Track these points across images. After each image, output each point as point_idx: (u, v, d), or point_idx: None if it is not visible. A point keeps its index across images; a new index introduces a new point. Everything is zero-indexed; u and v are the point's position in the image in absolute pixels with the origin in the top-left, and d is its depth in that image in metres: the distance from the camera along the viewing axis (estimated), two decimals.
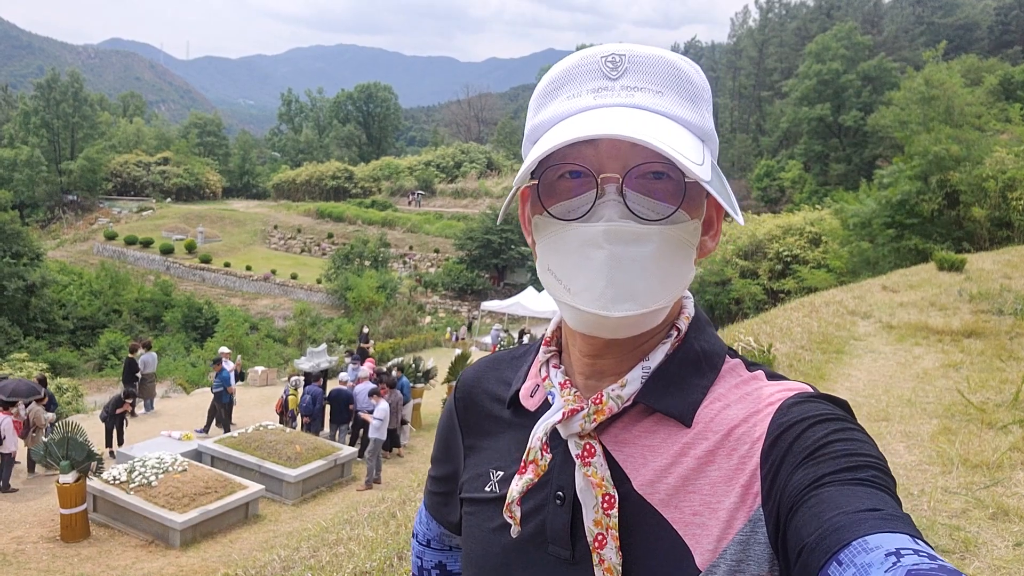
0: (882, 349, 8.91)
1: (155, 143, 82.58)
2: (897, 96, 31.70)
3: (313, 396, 14.30)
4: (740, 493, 0.80)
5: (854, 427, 0.78)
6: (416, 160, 74.77)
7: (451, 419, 1.10)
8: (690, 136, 0.82)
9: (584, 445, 0.86)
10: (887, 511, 0.67)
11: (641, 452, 0.86)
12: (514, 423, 1.00)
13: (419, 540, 1.23)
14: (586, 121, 0.79)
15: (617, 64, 0.84)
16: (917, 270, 16.13)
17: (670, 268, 0.82)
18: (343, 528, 5.80)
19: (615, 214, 0.80)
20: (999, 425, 5.28)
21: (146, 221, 59.97)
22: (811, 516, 0.69)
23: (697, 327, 0.93)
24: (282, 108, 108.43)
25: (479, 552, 0.98)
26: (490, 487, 0.98)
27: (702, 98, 0.86)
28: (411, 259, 51.34)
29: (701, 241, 0.90)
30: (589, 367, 0.92)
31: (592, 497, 0.84)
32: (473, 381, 1.09)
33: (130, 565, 9.01)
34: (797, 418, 0.79)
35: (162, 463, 10.47)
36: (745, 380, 0.89)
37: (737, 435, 0.83)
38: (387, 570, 3.83)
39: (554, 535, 0.88)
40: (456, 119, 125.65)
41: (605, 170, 0.81)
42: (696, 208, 0.85)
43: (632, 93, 0.82)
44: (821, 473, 0.72)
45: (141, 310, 41.65)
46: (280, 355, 31.47)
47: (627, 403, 0.87)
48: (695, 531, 0.81)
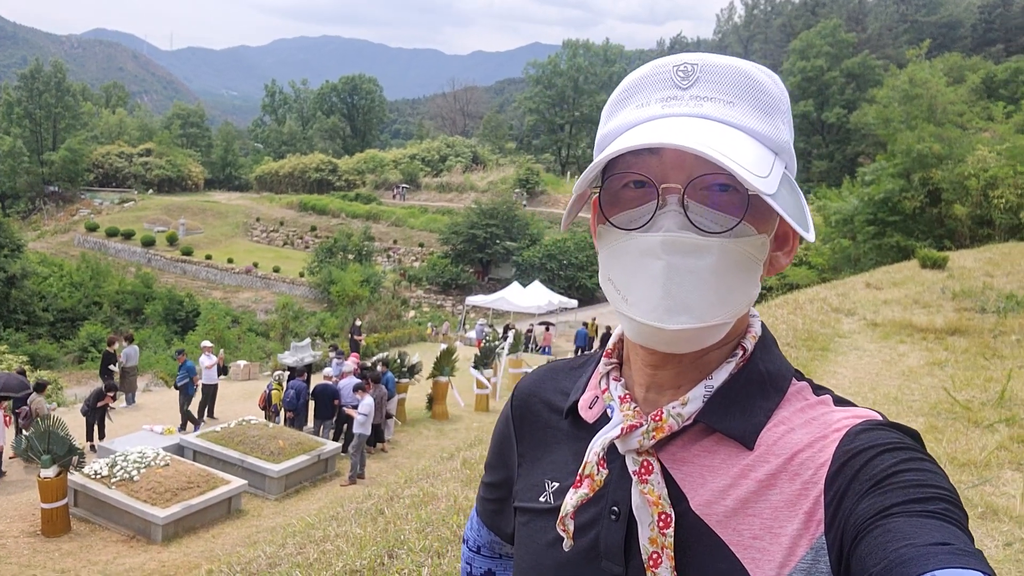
0: (867, 347, 8.97)
1: (137, 134, 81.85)
2: (880, 94, 31.93)
3: (297, 391, 14.22)
4: (803, 520, 0.78)
5: (924, 457, 0.76)
6: (401, 153, 74.49)
7: (507, 427, 1.09)
8: (759, 148, 0.80)
9: (642, 462, 0.85)
10: (958, 546, 0.64)
11: (700, 472, 0.85)
12: (571, 434, 0.98)
13: (469, 546, 1.22)
14: (651, 130, 0.78)
15: (689, 74, 0.82)
16: (900, 267, 16.27)
17: (731, 283, 0.80)
18: (330, 524, 5.75)
19: (675, 225, 0.78)
20: (985, 424, 5.32)
21: (128, 213, 59.43)
22: (877, 546, 0.67)
23: (764, 347, 0.91)
24: (266, 99, 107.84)
25: (531, 564, 0.96)
26: (544, 498, 0.97)
27: (778, 109, 0.84)
28: (395, 253, 51.18)
29: (772, 256, 0.88)
30: (649, 377, 0.90)
31: (648, 515, 0.82)
32: (531, 390, 1.08)
33: (111, 560, 8.93)
34: (865, 445, 0.77)
35: (144, 457, 10.38)
36: (811, 404, 0.87)
37: (801, 460, 0.80)
38: (378, 569, 3.80)
39: (608, 551, 0.87)
40: (441, 112, 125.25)
41: (668, 180, 0.80)
42: (764, 222, 0.83)
43: (701, 103, 0.81)
44: (888, 503, 0.70)
45: (122, 302, 41.28)
46: (262, 349, 31.29)
47: (687, 421, 0.85)
48: (755, 555, 0.79)
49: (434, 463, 7.31)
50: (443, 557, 3.90)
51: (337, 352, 17.85)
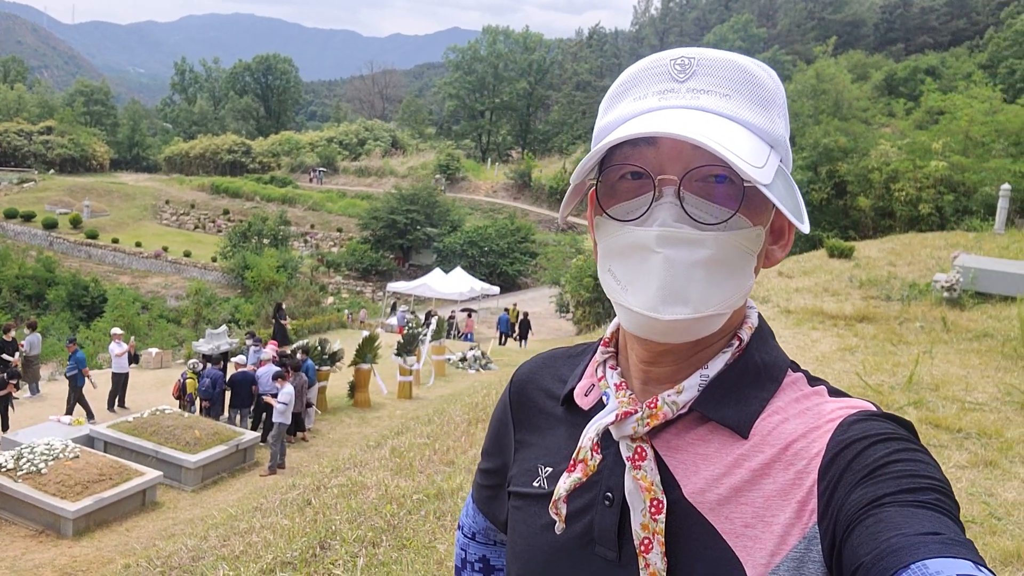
0: (781, 333, 9.29)
1: (38, 111, 77.65)
2: (790, 88, 32.94)
3: (213, 379, 13.84)
4: (796, 509, 0.79)
5: (917, 448, 0.77)
6: (318, 136, 73.01)
7: (504, 413, 1.09)
8: (755, 140, 0.81)
9: (636, 448, 0.85)
10: (949, 535, 0.65)
11: (693, 459, 0.86)
12: (566, 420, 0.99)
13: (464, 532, 1.22)
14: (647, 122, 0.79)
15: (686, 67, 0.83)
16: (809, 256, 16.89)
17: (726, 275, 0.81)
18: (254, 516, 5.64)
19: (670, 217, 0.79)
20: (895, 407, 5.59)
21: (27, 193, 56.46)
22: (869, 536, 0.68)
23: (760, 338, 0.92)
24: (175, 77, 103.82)
25: (524, 548, 0.96)
26: (538, 483, 0.97)
27: (774, 103, 0.85)
28: (313, 238, 50.23)
29: (768, 250, 0.89)
30: (645, 373, 0.91)
31: (640, 501, 0.83)
32: (528, 376, 1.09)
33: (19, 556, 8.55)
34: (858, 436, 0.78)
35: (52, 449, 9.95)
36: (806, 395, 0.88)
37: (795, 450, 0.81)
38: (310, 560, 3.74)
39: (601, 536, 0.87)
40: (359, 95, 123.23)
41: (664, 172, 0.80)
42: (759, 214, 0.84)
43: (698, 96, 0.82)
44: (881, 493, 0.71)
45: (22, 287, 39.29)
46: (175, 336, 30.30)
47: (682, 410, 0.86)
48: (746, 543, 0.79)
49: (361, 451, 7.25)
50: (378, 547, 3.87)
51: (255, 339, 17.43)
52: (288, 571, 3.61)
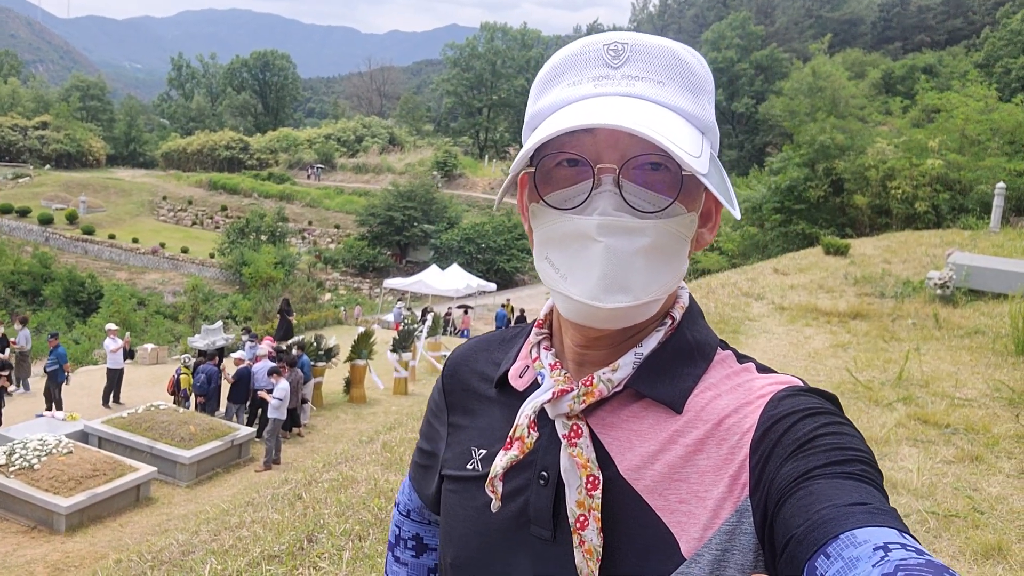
0: (775, 330, 9.31)
1: (33, 106, 77.52)
2: (787, 86, 33.00)
3: (208, 375, 13.84)
4: (728, 483, 0.80)
5: (843, 421, 0.79)
6: (316, 132, 72.93)
7: (439, 396, 1.09)
8: (689, 128, 0.81)
9: (571, 426, 0.86)
10: (875, 505, 0.67)
11: (628, 436, 0.87)
12: (500, 402, 0.99)
13: (400, 510, 1.22)
14: (585, 109, 0.79)
15: (619, 53, 0.83)
16: (805, 254, 16.91)
17: (664, 261, 0.82)
18: (245, 510, 5.64)
19: (610, 206, 0.79)
20: (885, 402, 5.61)
21: (23, 189, 56.35)
22: (800, 508, 0.69)
23: (690, 318, 0.93)
24: (172, 73, 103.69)
25: (460, 531, 0.97)
26: (472, 465, 0.97)
27: (704, 90, 0.85)
28: (310, 235, 50.22)
29: (698, 233, 0.90)
30: (580, 355, 0.92)
31: (576, 478, 0.83)
32: (461, 360, 1.09)
33: (11, 552, 8.55)
34: (788, 411, 0.79)
35: (45, 445, 9.94)
36: (736, 371, 0.89)
37: (727, 425, 0.83)
38: (297, 553, 3.75)
39: (536, 515, 0.88)
40: (357, 92, 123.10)
41: (602, 160, 0.81)
42: (693, 201, 0.85)
43: (633, 82, 0.82)
44: (811, 466, 0.73)
45: (18, 283, 39.24)
46: (171, 332, 30.29)
47: (617, 387, 0.87)
48: (681, 519, 0.81)
49: (353, 447, 7.26)
50: (364, 540, 3.88)
51: (250, 335, 17.43)
52: (274, 564, 3.62)
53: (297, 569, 3.54)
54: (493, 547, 0.92)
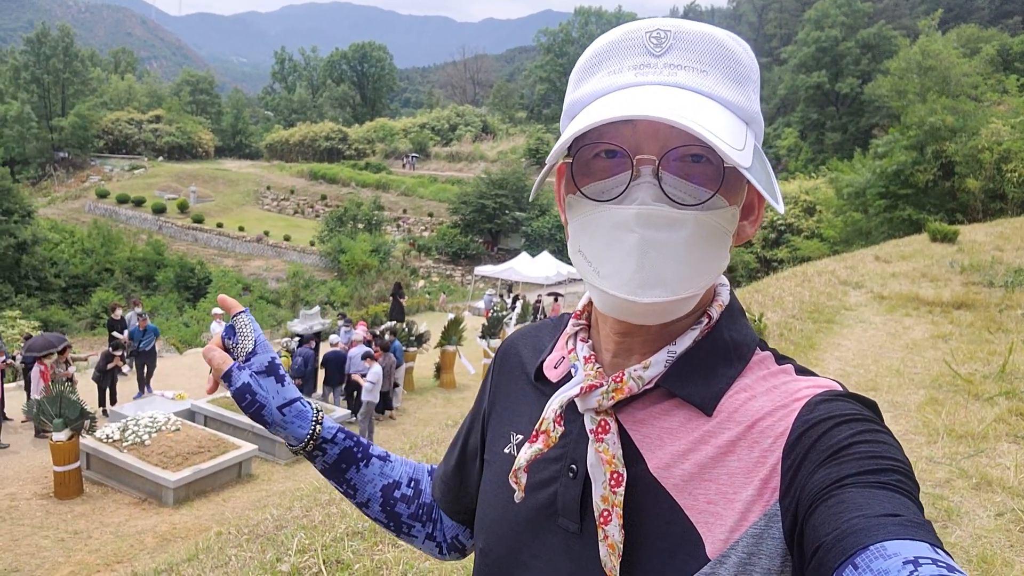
0: (872, 319, 8.97)
1: (147, 100, 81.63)
2: (894, 65, 31.44)
3: (305, 358, 14.32)
4: (758, 486, 0.79)
5: (880, 429, 0.77)
6: (411, 122, 74.17)
7: (489, 377, 1.12)
8: (732, 119, 0.79)
9: (599, 421, 0.86)
10: (908, 517, 0.65)
11: (658, 434, 0.86)
12: (537, 389, 1.00)
13: (428, 472, 1.24)
14: (625, 99, 0.77)
15: (662, 40, 0.80)
16: (910, 241, 16.19)
17: (703, 255, 0.80)
18: (335, 489, 5.84)
19: (649, 197, 0.77)
20: (985, 396, 5.35)
21: (138, 180, 59.49)
22: (830, 516, 0.68)
23: (730, 316, 0.91)
24: (275, 66, 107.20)
25: (492, 516, 0.99)
26: (508, 449, 0.99)
27: (749, 79, 0.83)
28: (405, 223, 51.13)
29: (740, 226, 0.88)
30: (616, 345, 0.91)
31: (602, 473, 0.84)
32: (511, 344, 1.11)
33: (123, 522, 9.09)
34: (823, 416, 0.78)
35: (155, 422, 10.52)
36: (773, 373, 0.87)
37: (761, 428, 0.81)
38: (379, 530, 3.88)
39: (564, 507, 0.89)
40: (452, 81, 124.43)
41: (642, 151, 0.79)
42: (735, 194, 0.83)
43: (675, 71, 0.79)
44: (843, 474, 0.71)
45: (133, 269, 41.52)
46: (273, 316, 31.46)
47: (648, 385, 0.86)
48: (708, 519, 0.80)
49: (439, 430, 7.41)
50: None
51: (346, 320, 17.95)
52: (356, 540, 3.76)
53: (377, 546, 3.66)
54: (522, 535, 0.93)
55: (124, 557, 8.06)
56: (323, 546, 3.76)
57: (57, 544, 8.41)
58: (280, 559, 3.74)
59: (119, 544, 8.44)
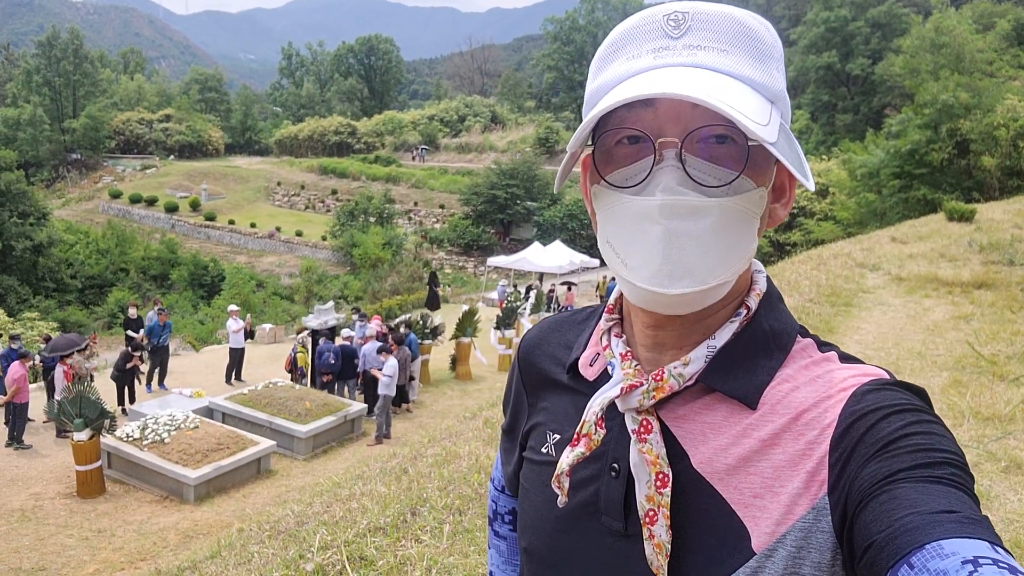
0: (891, 301, 8.89)
1: (157, 100, 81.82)
2: (906, 43, 31.10)
3: (335, 353, 14.27)
4: (805, 479, 0.77)
5: (932, 419, 0.74)
6: (419, 114, 74.03)
7: (516, 377, 1.10)
8: (756, 96, 0.77)
9: (641, 421, 0.84)
10: (964, 513, 0.63)
11: (701, 429, 0.84)
12: (572, 388, 0.98)
13: (495, 485, 1.24)
14: (644, 82, 0.75)
15: (680, 22, 0.79)
16: (926, 221, 16.05)
17: (731, 242, 0.78)
18: (355, 484, 5.85)
19: (674, 181, 0.76)
20: (1011, 378, 5.28)
21: (150, 179, 59.74)
22: (882, 513, 0.66)
23: (768, 304, 0.89)
24: (283, 62, 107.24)
25: (534, 515, 0.97)
26: (547, 449, 0.97)
27: (772, 57, 0.80)
28: (416, 215, 51.13)
29: (771, 209, 0.86)
30: (651, 339, 0.89)
31: (646, 473, 0.82)
32: (535, 342, 1.08)
33: (146, 520, 9.17)
34: (872, 406, 0.75)
35: (174, 420, 10.59)
36: (816, 361, 0.85)
37: (806, 419, 0.79)
38: (400, 526, 3.87)
39: (607, 506, 0.87)
40: (459, 72, 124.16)
41: (664, 134, 0.77)
42: (762, 175, 0.80)
43: (695, 52, 0.77)
44: (895, 468, 0.69)
45: (148, 268, 41.75)
46: (287, 312, 31.59)
47: (689, 382, 0.84)
48: (754, 512, 0.78)
49: (457, 423, 7.40)
50: (464, 514, 3.96)
51: (360, 314, 17.99)
52: (379, 536, 3.74)
53: (400, 541, 3.65)
54: (564, 535, 0.92)
55: (147, 555, 8.12)
56: (346, 542, 3.75)
57: (82, 543, 8.49)
58: (303, 556, 3.73)
59: (142, 542, 8.50)
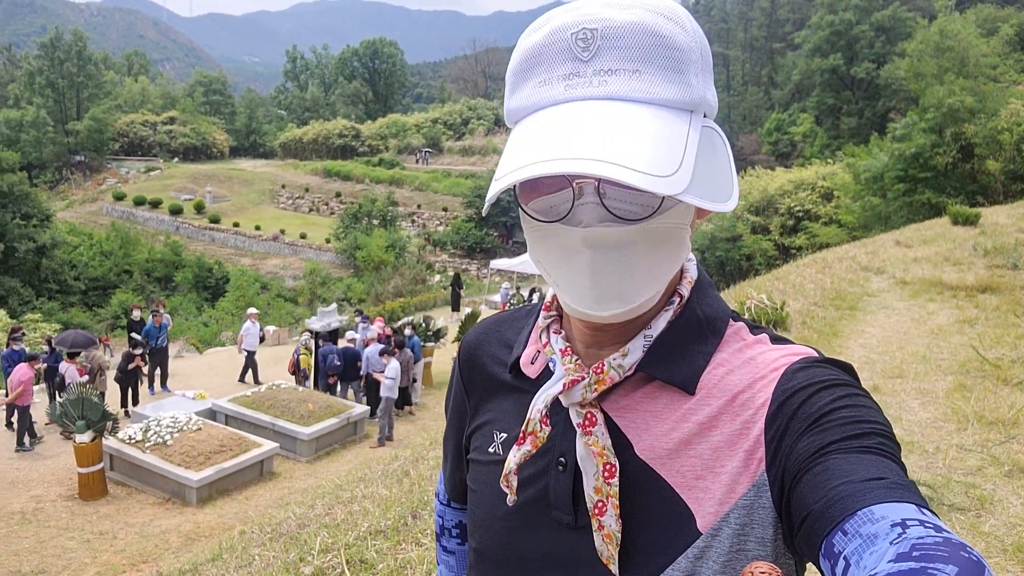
0: (896, 305, 8.87)
1: (161, 102, 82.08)
2: (911, 47, 31.06)
3: (339, 355, 14.24)
4: (743, 458, 0.79)
5: (860, 392, 0.77)
6: (423, 117, 74.19)
7: (458, 381, 1.09)
8: (669, 127, 0.74)
9: (585, 414, 0.85)
10: (893, 479, 0.66)
11: (643, 417, 0.86)
12: (516, 387, 0.98)
13: (440, 500, 1.23)
14: (553, 138, 0.73)
15: (589, 42, 0.76)
16: (931, 224, 16.01)
17: (659, 259, 0.79)
18: (357, 486, 5.84)
19: (595, 218, 0.75)
20: (1015, 382, 5.25)
21: (154, 181, 59.89)
22: (817, 484, 0.68)
23: (699, 291, 0.91)
24: (287, 65, 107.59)
25: (483, 516, 0.97)
26: (493, 448, 0.97)
27: (688, 60, 0.77)
28: (419, 218, 51.20)
29: (698, 209, 0.84)
30: (590, 337, 0.90)
31: (593, 465, 0.83)
32: (475, 343, 1.08)
33: (148, 522, 9.16)
34: (802, 384, 0.78)
35: (177, 422, 10.59)
36: (749, 344, 0.88)
37: (741, 400, 0.82)
38: (401, 529, 3.85)
39: (556, 500, 0.88)
40: (463, 75, 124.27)
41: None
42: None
43: (605, 79, 0.75)
44: (827, 440, 0.71)
45: (152, 270, 41.84)
46: (291, 315, 31.61)
47: (629, 372, 0.86)
48: (697, 494, 0.81)
49: None
50: None
51: (363, 317, 18.00)
52: (379, 539, 3.73)
53: (400, 544, 3.63)
54: (515, 531, 0.92)
55: (149, 557, 8.12)
56: (346, 545, 3.74)
57: (83, 545, 8.48)
58: (303, 559, 3.72)
59: (144, 544, 8.50)
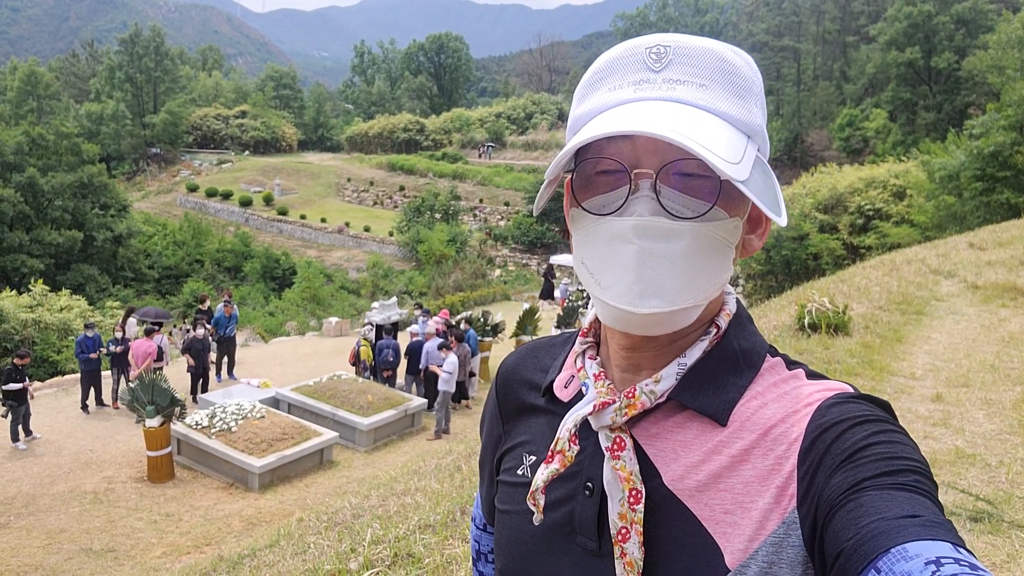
0: (965, 310, 8.58)
1: (233, 96, 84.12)
2: (993, 39, 29.89)
3: (395, 350, 14.48)
4: (775, 494, 0.79)
5: (895, 429, 0.77)
6: (487, 112, 74.42)
7: (493, 404, 1.11)
8: (732, 132, 0.79)
9: (614, 438, 0.86)
10: (927, 517, 0.66)
11: (673, 447, 0.86)
12: (548, 410, 0.99)
13: (476, 524, 1.24)
14: (623, 115, 0.78)
15: (661, 56, 0.81)
16: (1008, 226, 15.41)
17: (703, 266, 0.80)
18: (411, 479, 5.94)
19: (647, 210, 0.78)
20: None
21: (225, 173, 61.43)
22: (849, 521, 0.68)
23: (738, 324, 0.91)
24: (355, 60, 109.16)
25: (509, 538, 0.98)
26: (522, 471, 0.98)
27: (751, 91, 0.82)
28: (481, 212, 51.39)
29: (746, 240, 0.88)
30: (625, 360, 0.91)
31: (619, 490, 0.83)
32: (511, 369, 1.10)
33: (212, 506, 9.46)
34: (836, 419, 0.78)
35: (241, 409, 10.89)
36: (784, 379, 0.87)
37: (774, 435, 0.81)
38: (449, 524, 3.91)
39: (582, 525, 0.88)
40: (527, 69, 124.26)
41: (640, 165, 0.80)
42: (736, 206, 0.82)
43: (674, 86, 0.80)
44: (860, 477, 0.71)
45: (222, 260, 42.96)
46: (354, 306, 32.10)
47: (660, 399, 0.86)
48: (726, 529, 0.80)
49: None
50: None
51: (423, 310, 18.19)
52: (428, 533, 3.79)
53: (448, 540, 3.69)
54: (539, 555, 0.93)
55: (212, 540, 8.38)
56: (396, 538, 3.81)
57: (150, 526, 8.81)
58: (355, 549, 3.80)
59: (207, 527, 8.78)
